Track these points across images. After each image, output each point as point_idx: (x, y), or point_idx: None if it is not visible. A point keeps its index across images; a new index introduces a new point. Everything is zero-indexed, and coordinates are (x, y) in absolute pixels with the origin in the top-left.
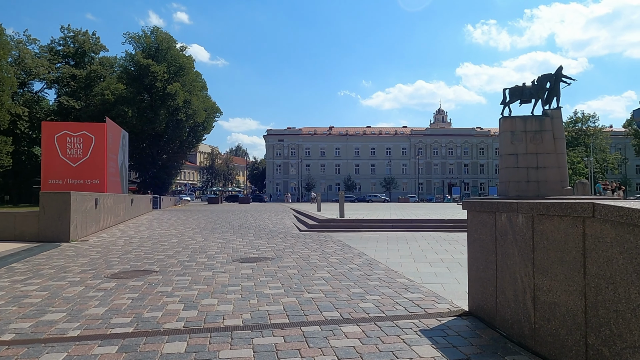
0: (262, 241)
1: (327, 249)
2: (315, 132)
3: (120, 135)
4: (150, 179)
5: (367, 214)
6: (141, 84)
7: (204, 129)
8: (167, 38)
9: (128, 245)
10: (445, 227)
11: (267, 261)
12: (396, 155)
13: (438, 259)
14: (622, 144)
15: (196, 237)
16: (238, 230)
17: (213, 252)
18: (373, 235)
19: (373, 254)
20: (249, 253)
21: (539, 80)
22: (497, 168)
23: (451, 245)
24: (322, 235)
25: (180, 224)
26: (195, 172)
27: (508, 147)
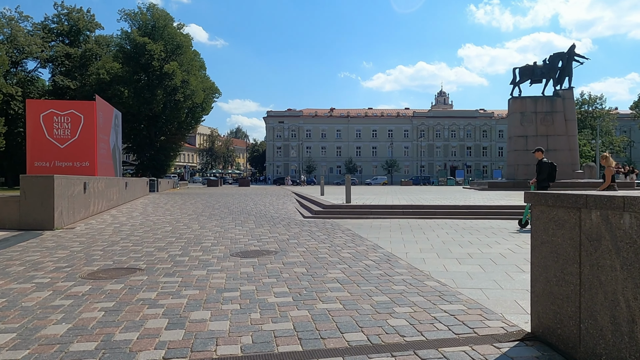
0: (263, 230)
1: (336, 240)
2: (316, 113)
3: (113, 115)
4: (148, 161)
5: (373, 199)
6: (137, 63)
7: (203, 109)
8: (163, 15)
9: (116, 234)
10: (460, 214)
11: (270, 256)
12: (398, 138)
13: (465, 253)
14: (627, 126)
15: (192, 224)
16: (237, 216)
17: (209, 244)
18: (384, 223)
19: (389, 246)
20: (249, 245)
21: (550, 59)
22: (500, 151)
23: (473, 236)
24: (328, 223)
25: (177, 209)
26: (194, 154)
27: (517, 129)
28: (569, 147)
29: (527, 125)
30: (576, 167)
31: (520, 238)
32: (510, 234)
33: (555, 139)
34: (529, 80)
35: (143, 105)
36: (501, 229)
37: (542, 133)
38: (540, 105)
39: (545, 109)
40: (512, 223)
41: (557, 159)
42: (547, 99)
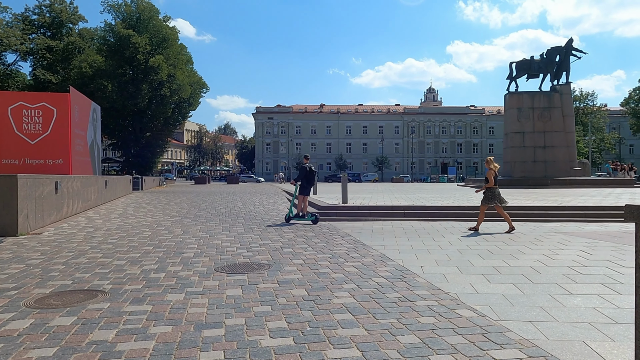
0: (253, 235)
1: (337, 249)
2: (306, 109)
3: (90, 109)
4: (134, 158)
5: (370, 198)
6: (122, 57)
7: (190, 105)
8: (149, 7)
9: (87, 242)
10: (466, 215)
11: (261, 271)
12: (389, 134)
13: (490, 267)
14: (617, 123)
15: (174, 228)
16: (225, 218)
17: (191, 254)
18: (386, 227)
19: (398, 257)
20: (237, 255)
21: (548, 53)
22: (491, 147)
23: (490, 242)
24: (325, 227)
25: (160, 209)
26: (182, 150)
27: (514, 125)
28: (567, 143)
29: (524, 121)
30: (574, 165)
31: (544, 245)
32: (532, 241)
33: (552, 135)
34: (526, 75)
35: (127, 100)
36: (517, 234)
37: (540, 129)
38: (537, 100)
39: (543, 105)
40: (526, 226)
41: (555, 155)
42: (544, 94)
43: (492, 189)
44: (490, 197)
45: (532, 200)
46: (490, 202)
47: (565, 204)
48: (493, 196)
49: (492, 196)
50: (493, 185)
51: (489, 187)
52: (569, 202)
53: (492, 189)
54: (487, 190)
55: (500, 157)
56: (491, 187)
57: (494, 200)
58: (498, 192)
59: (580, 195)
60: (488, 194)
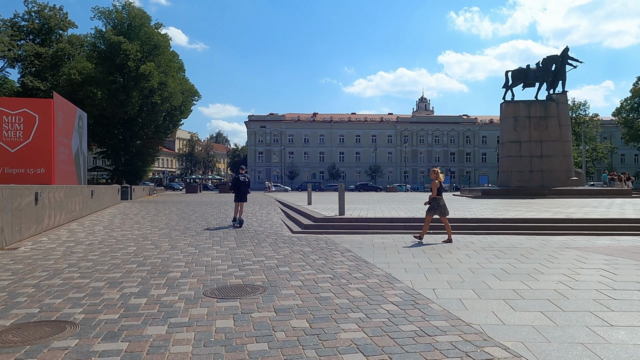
0: (246, 250)
1: (338, 267)
2: (298, 118)
3: (76, 116)
4: (124, 167)
5: (366, 209)
6: (112, 64)
7: (181, 112)
8: (140, 14)
9: (65, 258)
10: (469, 228)
11: (256, 295)
12: (382, 143)
13: (510, 290)
14: (608, 132)
15: (162, 242)
16: (216, 231)
17: (178, 273)
18: (387, 241)
19: (406, 277)
20: (229, 275)
21: (544, 62)
22: (483, 156)
23: (502, 260)
24: (322, 240)
25: (148, 221)
26: (174, 159)
27: (510, 134)
28: (563, 153)
29: (520, 131)
30: (571, 174)
31: (560, 264)
32: (546, 258)
33: (549, 144)
34: (522, 84)
35: (118, 108)
36: (529, 250)
37: (536, 138)
38: (533, 109)
39: (539, 114)
40: (534, 240)
41: (552, 165)
42: (540, 103)
43: (437, 200)
44: (435, 207)
45: (534, 211)
46: (435, 212)
47: (570, 215)
48: (438, 206)
49: (437, 206)
50: (437, 196)
51: (433, 198)
52: (573, 214)
53: (437, 200)
54: (432, 200)
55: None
56: (436, 198)
57: (438, 211)
58: (443, 203)
59: (582, 206)
60: (433, 204)
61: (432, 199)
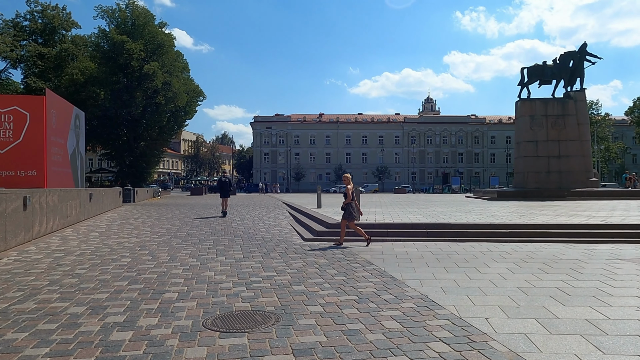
0: (253, 262)
1: (362, 286)
2: (304, 119)
3: (72, 114)
4: (128, 168)
5: (380, 213)
6: (115, 63)
7: (186, 113)
8: (144, 13)
9: (49, 273)
10: (498, 235)
11: (267, 327)
12: (389, 144)
13: (582, 320)
14: (619, 132)
15: (160, 252)
16: (220, 238)
17: (175, 294)
18: (410, 250)
19: (446, 300)
20: (234, 296)
21: (561, 58)
22: (492, 157)
23: (551, 275)
24: (338, 249)
25: (148, 226)
26: (179, 160)
27: (527, 134)
28: (582, 153)
29: (537, 130)
30: (590, 175)
31: (625, 282)
32: (603, 274)
33: (567, 144)
34: (538, 81)
35: (121, 108)
36: (575, 261)
37: (554, 138)
38: (550, 108)
39: (557, 112)
40: (574, 250)
41: (570, 165)
42: (558, 101)
43: (351, 204)
44: (351, 211)
45: (563, 215)
46: (354, 217)
47: (606, 221)
48: (354, 210)
49: (353, 210)
50: (351, 201)
51: (347, 203)
52: (609, 219)
53: (350, 204)
54: (348, 205)
55: (503, 168)
56: (350, 203)
57: (355, 214)
58: (356, 207)
59: (611, 209)
60: (349, 208)
61: (346, 204)
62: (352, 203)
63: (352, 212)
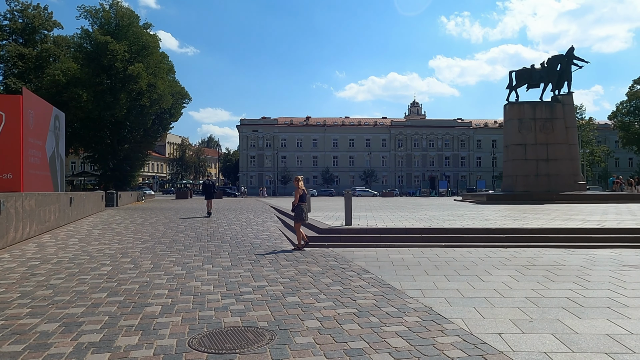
0: (242, 270)
1: (360, 296)
2: (291, 122)
3: (51, 115)
4: (111, 172)
5: (372, 217)
6: (98, 64)
7: (171, 116)
8: (128, 13)
9: (20, 284)
10: (494, 240)
11: (260, 347)
12: (376, 147)
13: (604, 337)
14: (602, 136)
15: (143, 260)
16: (207, 244)
17: (157, 308)
18: (406, 256)
19: (453, 313)
20: (222, 310)
21: (549, 61)
22: (478, 160)
23: (557, 284)
24: (330, 256)
25: (131, 232)
26: (164, 164)
27: (515, 137)
28: (570, 156)
29: (525, 133)
30: (578, 178)
31: (625, 282)
32: (612, 282)
33: (555, 147)
34: (526, 85)
35: (104, 110)
36: (579, 268)
37: (542, 141)
38: (539, 111)
39: (545, 115)
40: (575, 255)
41: (558, 169)
42: (546, 104)
43: (301, 206)
44: (300, 213)
45: (558, 219)
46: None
47: (602, 225)
48: (303, 212)
49: (302, 212)
50: (300, 203)
51: (297, 205)
52: (604, 223)
53: (300, 206)
54: (297, 207)
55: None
56: (299, 204)
57: (304, 217)
58: (306, 210)
59: (603, 212)
60: (298, 210)
61: (296, 206)
62: (301, 205)
63: (300, 213)
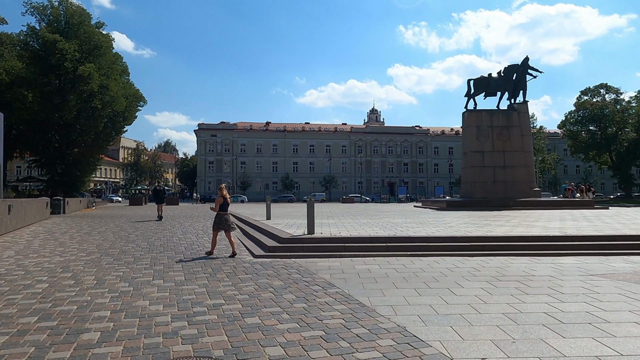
0: (197, 286)
1: (327, 316)
2: (251, 127)
3: None
4: (60, 177)
5: (334, 224)
6: (46, 64)
7: (125, 119)
8: (79, 11)
9: None
10: (460, 248)
11: None
12: (336, 153)
13: (590, 356)
14: (552, 144)
15: (85, 275)
16: (159, 255)
17: (96, 335)
18: (373, 267)
19: (429, 334)
20: (172, 336)
21: (505, 71)
22: (435, 167)
23: (532, 297)
24: (293, 268)
25: (76, 242)
26: (117, 169)
27: (473, 144)
28: (526, 163)
29: (483, 140)
30: (533, 185)
31: (616, 304)
32: (590, 296)
33: (512, 154)
34: (484, 93)
35: (52, 112)
36: (549, 278)
37: (499, 149)
38: (496, 119)
39: (502, 123)
40: (542, 263)
41: (514, 176)
42: (503, 112)
43: (220, 215)
44: (218, 222)
45: (520, 226)
46: (221, 228)
47: (564, 232)
48: (220, 221)
49: (219, 221)
50: (220, 212)
51: (217, 213)
52: (566, 230)
53: (219, 215)
54: (216, 215)
55: (445, 178)
56: (219, 213)
57: (222, 226)
58: (226, 218)
59: (561, 219)
60: (216, 219)
61: (216, 215)
62: (222, 214)
63: (218, 222)
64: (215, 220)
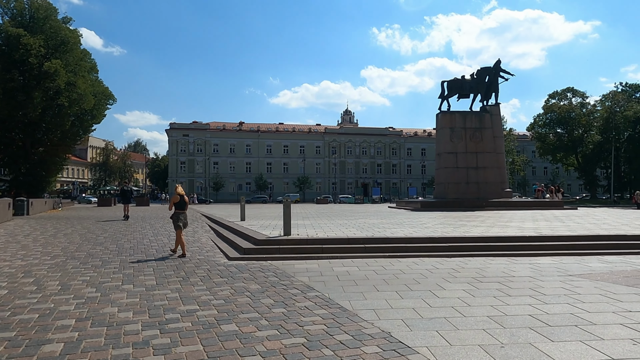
0: (169, 290)
1: (308, 321)
2: (224, 127)
3: None
4: (24, 177)
5: (310, 225)
6: (9, 59)
7: (93, 117)
8: (45, 5)
9: None
10: (438, 249)
11: None
12: (310, 154)
13: None
14: (521, 146)
15: (49, 280)
16: (128, 258)
17: (59, 346)
18: (351, 269)
19: (416, 340)
20: (142, 345)
21: (478, 73)
22: (409, 168)
23: (515, 299)
24: (270, 271)
25: (40, 245)
26: (85, 169)
27: (447, 145)
28: (498, 164)
29: (456, 142)
30: (505, 186)
31: (599, 305)
32: (572, 296)
33: (484, 156)
34: (457, 95)
35: (15, 110)
36: (529, 279)
37: (472, 150)
38: (469, 120)
39: (475, 125)
40: (520, 263)
41: (487, 177)
42: (475, 114)
43: (178, 214)
44: (176, 220)
45: (495, 227)
46: (180, 226)
47: (539, 232)
48: (179, 219)
49: (177, 219)
50: (177, 210)
51: (174, 212)
52: (540, 230)
53: (177, 214)
54: (173, 214)
55: (418, 179)
56: (177, 212)
57: (182, 223)
58: (182, 217)
59: (534, 219)
60: (174, 217)
61: (173, 214)
62: (179, 212)
63: (175, 220)
64: (174, 219)
